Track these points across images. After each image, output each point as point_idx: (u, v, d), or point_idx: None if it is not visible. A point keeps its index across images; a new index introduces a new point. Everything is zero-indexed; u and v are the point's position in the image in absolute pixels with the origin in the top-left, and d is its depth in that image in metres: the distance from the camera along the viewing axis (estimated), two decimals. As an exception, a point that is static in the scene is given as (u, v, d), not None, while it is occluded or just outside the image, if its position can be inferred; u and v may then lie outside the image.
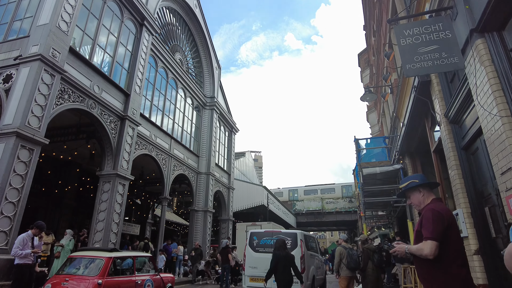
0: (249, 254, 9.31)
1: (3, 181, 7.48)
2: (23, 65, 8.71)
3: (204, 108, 20.61)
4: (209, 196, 18.76)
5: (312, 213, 38.67)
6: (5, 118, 8.19)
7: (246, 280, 9.19)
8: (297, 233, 9.36)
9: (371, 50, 19.99)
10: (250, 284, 9.06)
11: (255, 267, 9.06)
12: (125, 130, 11.86)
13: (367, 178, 11.53)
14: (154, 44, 14.96)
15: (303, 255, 8.84)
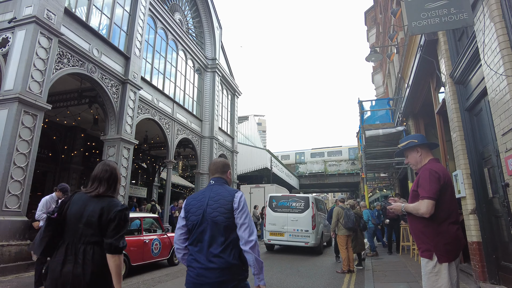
0: (269, 214, 11.26)
1: (10, 146, 7.60)
2: (18, 28, 8.49)
3: (206, 71, 20.26)
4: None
5: (315, 175, 39.24)
6: (5, 84, 8.14)
7: (266, 234, 11.18)
8: (309, 196, 11.28)
9: (378, 7, 19.13)
10: (270, 237, 11.02)
11: (274, 224, 10.98)
12: (127, 94, 11.78)
13: (370, 140, 11.54)
14: (153, 4, 14.40)
15: (314, 215, 10.64)
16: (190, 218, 2.22)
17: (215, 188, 2.30)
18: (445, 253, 2.34)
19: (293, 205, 10.96)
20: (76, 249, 2.04)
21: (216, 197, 2.23)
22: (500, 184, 4.14)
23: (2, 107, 7.94)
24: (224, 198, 2.21)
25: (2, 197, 7.36)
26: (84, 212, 2.11)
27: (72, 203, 2.19)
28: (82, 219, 2.10)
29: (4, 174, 7.43)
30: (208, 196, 2.25)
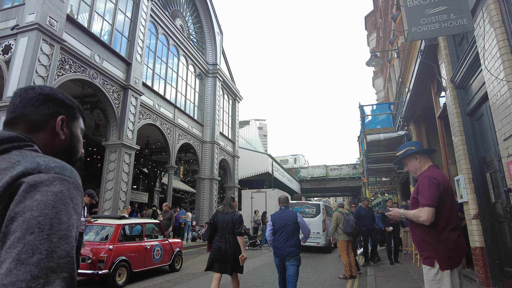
0: None
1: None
2: (21, 35, 8.57)
3: (207, 76, 20.33)
4: (215, 164, 19.01)
5: (316, 179, 39.12)
6: (8, 90, 8.21)
7: None
8: (320, 204, 12.96)
9: (378, 12, 19.20)
10: None
11: None
12: (128, 99, 11.83)
13: (371, 144, 11.52)
14: (154, 10, 14.51)
15: (324, 219, 12.11)
16: (276, 225, 4.79)
17: (286, 211, 4.90)
18: (447, 260, 2.33)
19: (306, 210, 12.59)
20: (224, 236, 4.66)
21: (289, 215, 4.84)
22: (503, 189, 4.12)
23: (4, 113, 7.96)
24: (292, 216, 4.83)
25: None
26: (225, 220, 4.75)
27: (217, 216, 4.88)
28: (224, 223, 4.72)
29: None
30: (284, 215, 4.84)
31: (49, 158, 0.77)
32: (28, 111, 0.87)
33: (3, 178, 0.69)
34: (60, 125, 0.90)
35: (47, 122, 0.89)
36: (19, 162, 0.73)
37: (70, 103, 0.98)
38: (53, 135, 0.90)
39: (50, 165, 0.74)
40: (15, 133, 0.81)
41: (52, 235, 0.65)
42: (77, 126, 0.99)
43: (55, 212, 0.67)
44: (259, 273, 7.99)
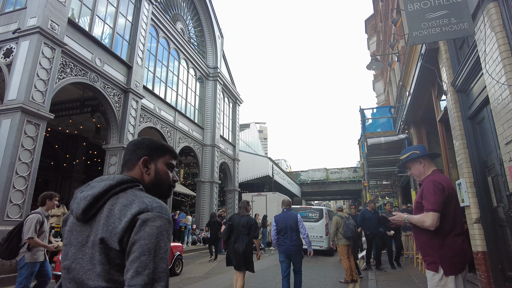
0: None
1: (13, 156, 7.63)
2: (22, 39, 8.59)
3: (208, 79, 20.37)
4: (215, 167, 18.99)
5: (317, 183, 39.08)
6: (9, 94, 8.21)
7: None
8: (323, 208, 13.66)
9: (379, 16, 19.27)
10: None
11: None
12: (129, 103, 11.84)
13: (372, 148, 11.52)
14: (155, 14, 14.56)
15: (327, 223, 12.51)
16: (279, 225, 5.44)
17: (288, 213, 5.54)
18: (451, 265, 2.31)
19: (310, 215, 13.04)
20: (239, 236, 5.23)
21: (290, 216, 5.48)
22: (505, 193, 4.11)
23: (5, 116, 7.99)
24: (294, 217, 5.46)
25: (4, 206, 7.36)
26: (240, 222, 5.32)
27: (234, 218, 5.46)
28: (240, 225, 5.29)
29: (6, 183, 7.44)
30: (286, 216, 5.49)
31: (152, 198, 1.10)
32: (129, 157, 1.26)
33: (127, 214, 1.03)
34: (143, 164, 1.24)
35: (137, 163, 1.24)
36: (133, 201, 1.07)
37: (154, 146, 1.29)
38: (142, 172, 1.25)
39: (153, 205, 1.06)
40: (130, 177, 1.18)
41: (155, 257, 0.99)
42: (162, 162, 1.29)
43: (158, 241, 1.00)
44: (260, 276, 7.95)
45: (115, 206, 1.07)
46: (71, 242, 1.12)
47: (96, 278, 1.02)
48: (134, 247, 0.98)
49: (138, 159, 1.24)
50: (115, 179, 1.14)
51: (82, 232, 1.10)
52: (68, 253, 1.11)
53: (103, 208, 1.09)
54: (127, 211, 1.03)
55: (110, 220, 1.05)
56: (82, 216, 1.09)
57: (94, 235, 1.06)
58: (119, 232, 1.01)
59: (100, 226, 1.05)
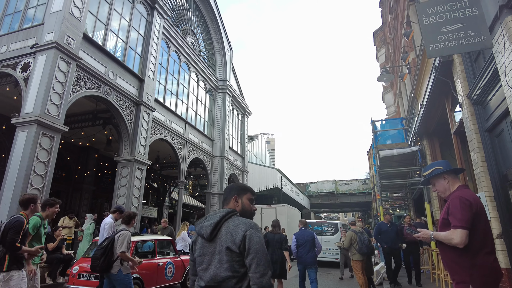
0: None
1: (28, 168, 7.72)
2: (40, 53, 8.79)
3: (217, 92, 20.54)
4: (224, 179, 18.97)
5: (326, 194, 38.72)
6: (25, 107, 8.37)
7: None
8: (338, 223, 14.52)
9: (387, 28, 19.34)
10: None
11: None
12: (141, 115, 11.96)
13: (384, 160, 11.39)
14: (166, 28, 14.83)
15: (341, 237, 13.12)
16: (299, 241, 6.70)
17: (306, 231, 6.93)
18: (483, 285, 2.23)
19: (326, 229, 13.86)
20: (274, 250, 6.49)
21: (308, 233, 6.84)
22: (528, 208, 4.00)
23: (22, 129, 8.13)
24: (311, 234, 6.82)
25: (18, 218, 7.39)
26: (274, 238, 6.66)
27: (268, 236, 6.69)
28: (274, 241, 6.60)
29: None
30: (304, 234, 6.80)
31: (247, 220, 1.85)
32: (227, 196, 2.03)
33: (239, 231, 1.75)
34: (234, 200, 2.01)
35: (231, 200, 2.00)
36: (239, 223, 1.80)
37: (241, 187, 2.09)
38: (234, 205, 2.00)
39: (251, 224, 1.80)
40: (230, 209, 1.93)
41: (263, 254, 1.72)
42: (245, 198, 2.04)
43: (261, 245, 1.74)
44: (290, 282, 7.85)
45: (229, 227, 1.81)
46: (204, 253, 1.85)
47: (225, 271, 1.73)
48: (250, 250, 1.71)
49: (232, 197, 2.01)
50: (224, 212, 1.90)
51: (210, 246, 1.83)
52: (204, 260, 1.84)
53: (221, 230, 1.82)
54: (239, 229, 1.77)
55: (229, 235, 1.77)
56: (209, 237, 1.83)
57: (220, 246, 1.78)
58: (237, 242, 1.74)
59: (223, 240, 1.78)
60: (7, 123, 8.81)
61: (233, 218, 1.86)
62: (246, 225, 1.78)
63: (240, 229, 1.77)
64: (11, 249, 3.49)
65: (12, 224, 3.56)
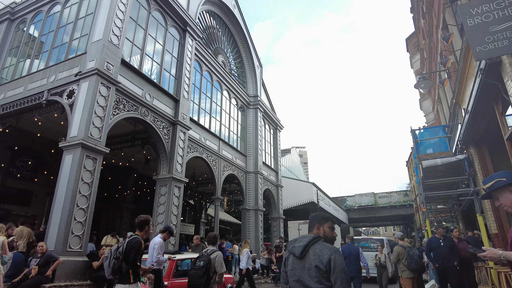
0: None
1: (74, 189, 8.09)
2: (83, 80, 9.34)
3: (248, 108, 20.74)
4: (259, 194, 18.86)
5: (365, 208, 37.28)
6: (71, 131, 8.86)
7: None
8: (383, 238, 15.01)
9: (421, 34, 18.70)
10: None
11: None
12: (177, 134, 12.27)
13: (427, 170, 10.78)
14: (198, 49, 15.29)
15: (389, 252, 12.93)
16: (344, 254, 7.08)
17: (352, 245, 7.71)
18: None
19: (372, 245, 14.06)
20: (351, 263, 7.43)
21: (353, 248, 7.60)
22: None
23: (68, 152, 8.58)
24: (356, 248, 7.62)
25: (67, 238, 7.73)
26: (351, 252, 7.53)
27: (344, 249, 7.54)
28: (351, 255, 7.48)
29: (69, 216, 7.85)
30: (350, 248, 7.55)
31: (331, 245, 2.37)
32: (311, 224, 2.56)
33: (326, 254, 2.27)
34: (317, 228, 2.50)
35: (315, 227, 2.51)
36: (325, 248, 2.32)
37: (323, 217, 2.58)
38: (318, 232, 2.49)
39: (334, 249, 2.30)
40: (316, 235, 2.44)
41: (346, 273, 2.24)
42: (326, 227, 2.52)
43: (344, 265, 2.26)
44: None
45: (316, 250, 2.33)
46: (296, 267, 2.37)
47: (315, 283, 2.21)
48: (335, 270, 2.19)
49: (315, 225, 2.54)
50: (311, 237, 2.42)
51: (300, 263, 2.36)
52: (295, 273, 2.35)
53: (309, 251, 2.34)
54: (325, 253, 2.28)
55: (316, 256, 2.28)
56: (300, 255, 2.36)
57: (308, 263, 2.30)
58: (324, 262, 2.23)
59: (311, 259, 2.29)
60: (55, 147, 9.36)
61: (319, 242, 2.38)
62: (330, 250, 2.29)
63: (326, 252, 2.27)
64: (134, 267, 3.98)
65: (133, 244, 3.99)
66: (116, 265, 3.86)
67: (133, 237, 4.10)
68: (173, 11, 13.19)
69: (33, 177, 14.54)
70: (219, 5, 18.83)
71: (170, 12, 13.13)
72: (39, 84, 10.66)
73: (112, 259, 3.91)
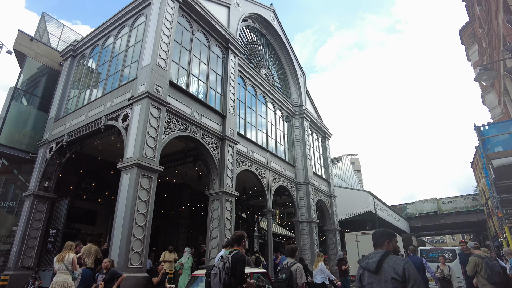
0: None
1: (132, 208, 8.48)
2: (135, 104, 9.89)
3: (294, 118, 20.53)
4: (311, 206, 18.36)
5: (427, 216, 34.56)
6: (127, 152, 9.37)
7: None
8: (455, 248, 13.97)
9: (477, 22, 17.22)
10: None
11: None
12: (226, 149, 12.45)
13: (499, 170, 9.66)
14: (240, 64, 15.57)
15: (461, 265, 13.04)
16: None
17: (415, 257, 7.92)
18: None
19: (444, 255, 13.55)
20: None
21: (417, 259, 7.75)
22: None
23: (125, 172, 9.06)
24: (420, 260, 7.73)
25: (127, 255, 8.06)
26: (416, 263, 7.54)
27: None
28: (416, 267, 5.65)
29: (129, 233, 8.21)
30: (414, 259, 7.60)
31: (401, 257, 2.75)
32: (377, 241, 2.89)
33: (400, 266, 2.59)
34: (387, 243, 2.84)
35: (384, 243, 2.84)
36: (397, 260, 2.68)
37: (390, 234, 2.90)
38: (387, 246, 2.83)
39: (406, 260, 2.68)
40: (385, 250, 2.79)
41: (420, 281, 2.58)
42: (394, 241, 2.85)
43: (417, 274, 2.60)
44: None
45: (389, 263, 2.63)
46: (372, 281, 2.66)
47: None
48: (410, 278, 2.48)
49: (384, 241, 2.82)
50: (383, 252, 2.73)
51: (376, 277, 2.65)
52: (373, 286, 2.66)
53: (383, 265, 2.63)
54: (399, 264, 2.59)
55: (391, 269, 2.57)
56: (375, 270, 2.64)
57: (385, 277, 2.60)
58: (400, 273, 2.51)
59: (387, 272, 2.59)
60: (114, 168, 9.95)
61: (390, 256, 2.68)
62: (403, 261, 2.59)
63: (400, 264, 2.57)
64: (241, 280, 4.16)
65: (238, 258, 4.18)
66: (227, 280, 4.02)
67: (236, 252, 4.27)
68: (214, 31, 13.62)
69: (97, 197, 15.64)
70: (258, 19, 19.13)
71: (212, 32, 13.57)
72: (98, 111, 11.52)
73: (223, 275, 4.05)
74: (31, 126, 14.58)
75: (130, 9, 12.29)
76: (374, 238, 2.93)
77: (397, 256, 2.68)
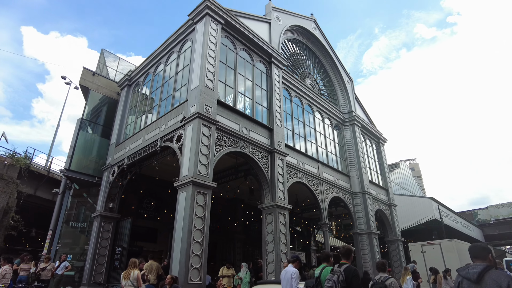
0: None
1: (190, 224, 8.79)
2: (187, 125, 10.38)
3: (344, 125, 19.98)
4: (370, 216, 17.50)
5: (504, 222, 31.01)
6: (182, 171, 9.82)
7: None
8: None
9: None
10: None
11: None
12: (275, 162, 12.47)
13: None
14: (285, 77, 15.65)
15: None
16: None
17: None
18: None
19: None
20: None
21: None
22: None
23: (182, 190, 9.46)
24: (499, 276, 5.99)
25: (187, 271, 8.32)
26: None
27: None
28: None
29: (187, 250, 8.49)
30: None
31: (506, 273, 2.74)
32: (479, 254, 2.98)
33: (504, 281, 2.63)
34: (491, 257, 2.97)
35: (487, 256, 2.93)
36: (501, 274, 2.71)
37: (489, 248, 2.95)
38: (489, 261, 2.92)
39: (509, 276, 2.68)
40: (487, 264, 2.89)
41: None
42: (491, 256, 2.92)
43: None
44: None
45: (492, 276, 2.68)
46: None
47: None
48: None
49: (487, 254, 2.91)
50: (485, 265, 2.80)
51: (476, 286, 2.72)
52: None
53: (484, 277, 2.69)
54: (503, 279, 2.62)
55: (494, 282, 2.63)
56: (476, 280, 2.72)
57: None
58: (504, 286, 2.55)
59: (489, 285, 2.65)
60: (171, 187, 10.45)
61: (493, 270, 2.76)
62: (507, 277, 2.62)
63: (504, 279, 2.61)
64: None
65: (353, 272, 4.33)
66: None
67: (348, 266, 4.40)
68: (257, 47, 13.92)
69: (157, 216, 16.50)
70: (300, 31, 19.18)
71: (255, 48, 13.88)
72: (153, 134, 12.28)
73: None
74: (95, 152, 15.98)
75: (177, 36, 13.08)
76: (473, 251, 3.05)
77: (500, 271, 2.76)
